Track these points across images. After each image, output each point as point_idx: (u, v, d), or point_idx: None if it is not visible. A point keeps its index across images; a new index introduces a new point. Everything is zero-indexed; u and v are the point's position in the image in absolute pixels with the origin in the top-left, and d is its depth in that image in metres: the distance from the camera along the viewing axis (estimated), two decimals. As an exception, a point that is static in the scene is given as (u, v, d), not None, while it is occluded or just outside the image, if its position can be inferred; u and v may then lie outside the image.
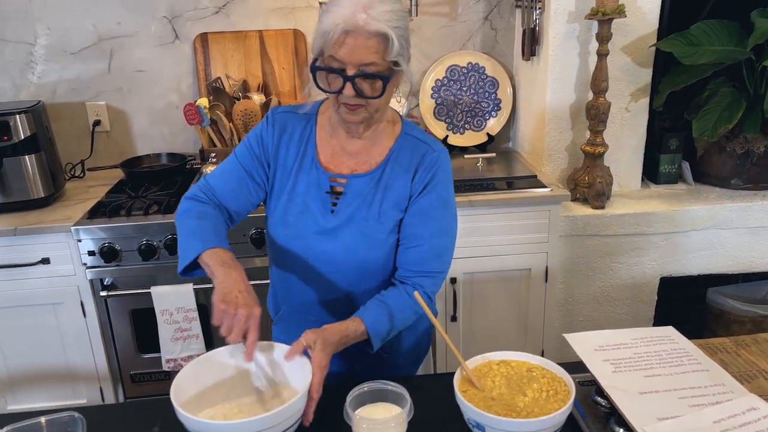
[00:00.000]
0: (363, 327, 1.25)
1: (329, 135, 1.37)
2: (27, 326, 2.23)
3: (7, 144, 2.17)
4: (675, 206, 2.38)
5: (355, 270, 1.35)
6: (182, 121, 2.59)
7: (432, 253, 1.35)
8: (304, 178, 1.36)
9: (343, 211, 1.33)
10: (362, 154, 1.35)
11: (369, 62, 1.18)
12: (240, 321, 1.12)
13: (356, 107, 1.24)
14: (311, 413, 1.09)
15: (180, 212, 1.36)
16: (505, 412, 1.05)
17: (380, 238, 1.33)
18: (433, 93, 2.71)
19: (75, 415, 1.12)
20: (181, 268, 1.26)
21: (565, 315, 2.50)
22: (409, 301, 1.32)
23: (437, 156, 1.35)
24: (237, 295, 1.14)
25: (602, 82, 2.26)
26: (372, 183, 1.34)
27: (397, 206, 1.33)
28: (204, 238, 1.25)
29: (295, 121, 1.39)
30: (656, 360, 1.17)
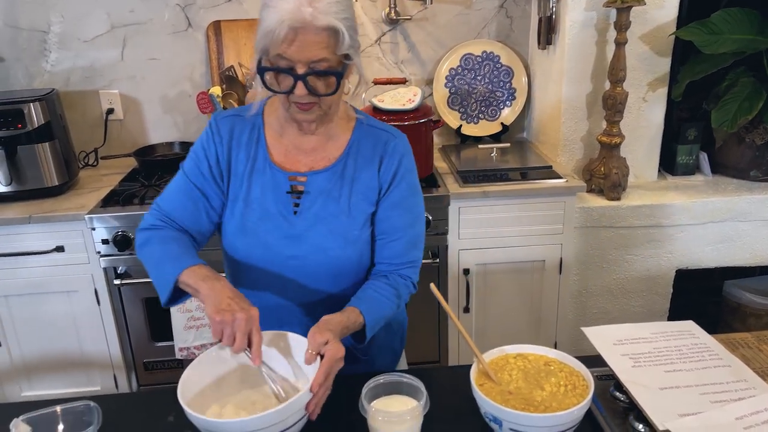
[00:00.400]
0: (361, 318, 1.21)
1: (279, 134, 1.30)
2: (41, 314, 2.24)
3: (21, 132, 2.17)
4: (692, 198, 2.35)
5: (328, 272, 1.29)
6: (195, 110, 2.58)
7: (410, 243, 1.33)
8: (258, 181, 1.28)
9: (307, 210, 1.27)
10: (318, 150, 1.30)
11: (320, 59, 1.12)
12: (241, 326, 1.06)
13: (309, 106, 1.19)
14: (314, 410, 1.05)
15: (139, 244, 1.27)
16: (522, 406, 1.04)
17: (353, 234, 1.28)
18: (447, 82, 2.68)
19: (90, 405, 1.12)
20: (164, 299, 1.18)
21: (578, 307, 2.48)
22: (393, 295, 1.29)
23: (399, 142, 1.31)
24: (229, 303, 1.08)
25: (620, 72, 2.22)
26: (335, 177, 1.28)
27: (367, 199, 1.29)
28: (175, 261, 1.17)
29: (240, 124, 1.31)
30: (677, 355, 1.15)
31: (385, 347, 1.44)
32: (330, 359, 1.09)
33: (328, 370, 1.08)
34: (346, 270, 1.30)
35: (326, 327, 1.13)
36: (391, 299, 1.29)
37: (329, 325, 1.14)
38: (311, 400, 1.04)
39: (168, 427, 1.16)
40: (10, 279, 2.18)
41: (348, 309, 1.21)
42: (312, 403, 1.05)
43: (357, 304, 1.23)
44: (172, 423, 1.17)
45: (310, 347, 1.10)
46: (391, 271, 1.32)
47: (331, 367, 1.09)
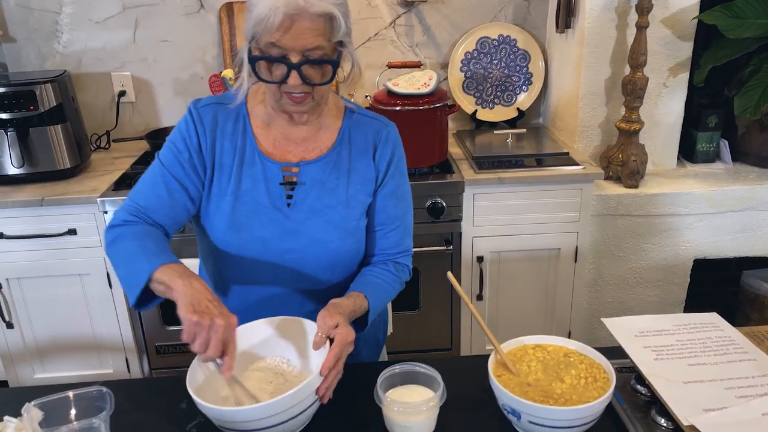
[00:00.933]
0: (366, 303, 1.19)
1: (266, 124, 1.24)
2: (54, 296, 2.24)
3: (34, 114, 2.16)
4: (712, 186, 2.31)
5: (326, 264, 1.25)
6: (207, 93, 2.55)
7: (406, 231, 1.33)
8: (248, 173, 1.22)
9: (302, 202, 1.23)
10: (309, 140, 1.25)
11: (315, 46, 1.08)
12: (218, 332, 0.97)
13: (302, 97, 1.14)
14: (325, 393, 1.03)
15: (110, 241, 1.17)
16: (541, 398, 1.01)
17: (352, 225, 1.24)
18: (462, 66, 2.64)
19: (103, 390, 1.10)
20: (133, 298, 1.08)
21: (593, 296, 2.44)
22: (396, 281, 1.29)
23: (390, 131, 1.29)
24: (208, 305, 0.99)
25: (641, 56, 2.17)
26: (329, 168, 1.24)
27: (364, 189, 1.26)
28: (150, 257, 1.07)
29: (223, 113, 1.23)
30: (700, 348, 1.12)
31: (371, 339, 1.42)
32: (341, 342, 1.06)
33: (338, 354, 1.05)
34: (345, 261, 1.28)
35: (336, 310, 1.10)
36: (394, 285, 1.28)
37: (339, 308, 1.12)
38: (321, 384, 1.02)
39: (181, 414, 1.14)
40: (23, 261, 2.18)
41: (353, 294, 1.19)
42: (322, 387, 1.02)
43: (362, 289, 1.21)
44: (185, 410, 1.15)
45: (320, 330, 1.08)
46: (388, 259, 1.31)
47: (342, 351, 1.06)
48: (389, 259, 1.31)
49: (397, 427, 1.05)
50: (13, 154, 2.17)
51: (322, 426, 1.08)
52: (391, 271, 1.29)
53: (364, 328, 1.21)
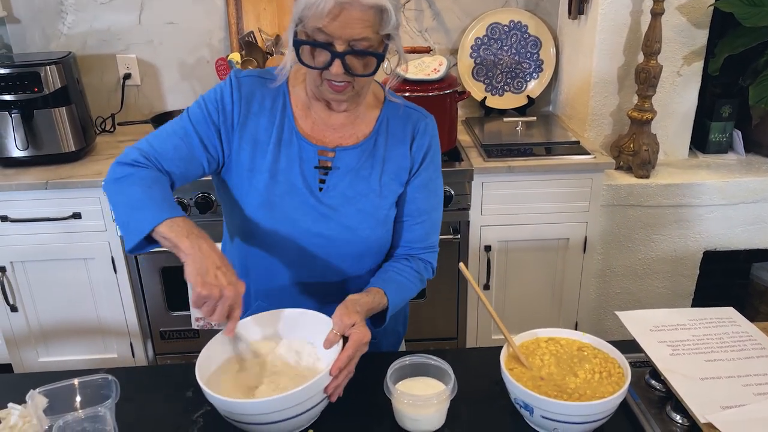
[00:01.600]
0: (385, 300, 1.16)
1: (306, 107, 1.22)
2: (58, 280, 2.23)
3: (38, 96, 2.13)
4: (724, 177, 2.27)
5: (355, 252, 1.23)
6: (213, 76, 2.52)
7: (433, 226, 1.30)
8: (285, 152, 1.20)
9: (334, 188, 1.21)
10: (347, 127, 1.23)
11: (362, 37, 1.05)
12: (226, 302, 0.99)
13: (343, 87, 1.11)
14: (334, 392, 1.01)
15: (114, 178, 1.14)
16: (555, 393, 0.99)
17: (383, 214, 1.22)
18: (472, 52, 2.60)
19: (109, 378, 1.09)
20: (130, 245, 1.07)
21: (601, 287, 2.42)
22: (416, 279, 1.25)
23: (429, 123, 1.27)
24: (216, 274, 1.00)
25: (655, 44, 2.13)
26: (364, 156, 1.22)
27: (398, 178, 1.23)
28: (157, 208, 1.06)
29: (263, 89, 1.21)
30: (717, 343, 1.10)
31: (391, 330, 1.39)
32: (356, 343, 1.04)
33: (351, 355, 1.03)
34: (373, 250, 1.25)
35: (354, 308, 1.08)
36: (415, 282, 1.25)
37: (357, 305, 1.09)
38: (331, 383, 1.00)
39: (187, 403, 1.13)
40: (27, 245, 2.16)
41: (373, 290, 1.16)
42: (332, 386, 1.00)
43: (381, 285, 1.18)
44: (191, 398, 1.14)
45: (336, 328, 1.05)
46: (411, 255, 1.28)
47: (355, 352, 1.04)
48: (413, 254, 1.28)
49: (407, 420, 1.03)
50: (17, 137, 2.14)
51: (330, 417, 1.06)
52: (413, 267, 1.26)
53: (381, 325, 1.19)
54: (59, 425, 0.97)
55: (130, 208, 1.09)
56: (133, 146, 1.18)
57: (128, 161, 1.16)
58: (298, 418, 0.98)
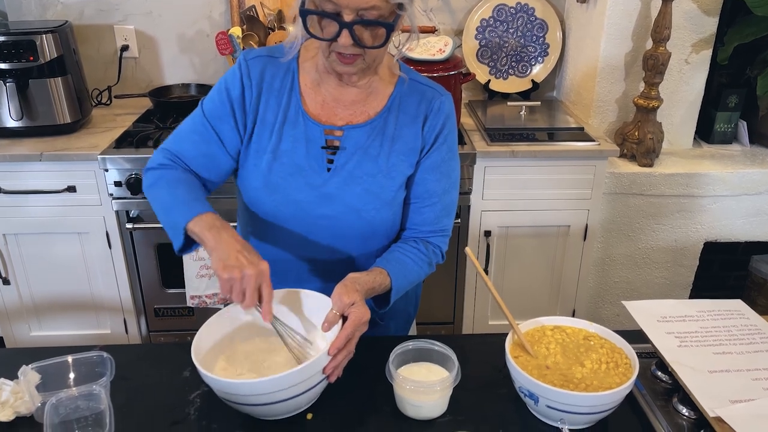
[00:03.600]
0: (388, 281, 1.13)
1: (316, 83, 1.18)
2: (51, 254, 2.19)
3: (33, 65, 2.08)
4: (728, 168, 2.25)
5: (359, 233, 1.20)
6: (213, 51, 2.47)
7: (445, 210, 1.25)
8: (289, 133, 1.17)
9: (342, 167, 1.17)
10: (358, 103, 1.18)
11: (370, 6, 1.00)
12: (250, 283, 0.99)
13: (352, 59, 1.07)
14: (333, 373, 0.99)
15: (148, 185, 1.17)
16: (561, 382, 0.98)
17: (389, 195, 1.18)
18: (477, 34, 2.56)
19: (104, 355, 1.06)
20: (176, 247, 1.11)
21: (600, 275, 2.41)
22: (424, 262, 1.22)
23: (444, 101, 1.21)
24: (237, 257, 1.00)
25: (665, 30, 2.09)
26: (373, 133, 1.18)
27: (407, 159, 1.19)
28: (182, 209, 1.09)
29: (273, 67, 1.18)
30: (726, 336, 1.08)
31: (401, 312, 1.36)
32: (354, 322, 1.01)
33: (350, 335, 1.00)
34: (379, 232, 1.22)
35: (353, 287, 1.05)
36: (422, 266, 1.21)
37: (357, 284, 1.06)
38: (329, 363, 0.98)
39: (183, 382, 1.11)
40: (20, 217, 2.12)
41: (375, 270, 1.13)
42: (330, 366, 0.98)
43: (385, 265, 1.15)
44: (188, 378, 1.12)
45: (335, 307, 1.03)
46: (420, 238, 1.24)
47: (354, 332, 1.01)
48: (421, 237, 1.24)
49: (409, 406, 1.01)
50: (11, 106, 2.09)
51: (330, 401, 1.04)
52: (421, 250, 1.22)
53: (385, 307, 1.16)
54: (52, 402, 0.94)
55: (164, 213, 1.13)
56: (158, 149, 1.21)
57: (155, 166, 1.19)
58: (295, 399, 0.96)
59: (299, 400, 0.97)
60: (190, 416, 1.03)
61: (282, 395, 0.94)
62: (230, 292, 0.99)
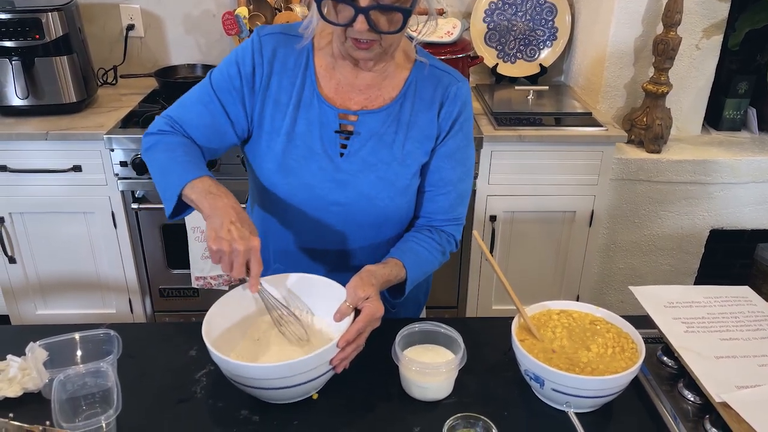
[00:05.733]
0: (404, 273, 1.12)
1: (331, 67, 1.15)
2: (57, 233, 2.19)
3: (39, 43, 2.07)
4: (737, 155, 2.24)
5: (373, 221, 1.19)
6: (219, 31, 2.46)
7: (459, 198, 1.23)
8: (304, 115, 1.14)
9: (355, 153, 1.15)
10: (373, 88, 1.16)
11: None
12: (239, 257, 0.98)
13: (368, 44, 1.04)
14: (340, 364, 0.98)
15: (144, 149, 1.16)
16: (567, 366, 0.98)
17: (404, 183, 1.16)
18: (485, 17, 2.53)
19: (111, 333, 1.07)
20: (168, 211, 1.09)
21: (605, 261, 2.41)
22: (438, 252, 1.20)
23: (460, 87, 1.18)
24: (230, 228, 0.98)
25: (676, 14, 2.07)
26: (389, 120, 1.15)
27: (423, 147, 1.17)
28: (179, 172, 1.07)
29: (287, 46, 1.15)
30: (733, 322, 1.08)
31: (412, 300, 1.34)
32: (367, 317, 1.00)
33: (362, 329, 0.99)
34: (393, 220, 1.20)
35: (369, 280, 1.04)
36: (436, 255, 1.20)
37: (373, 278, 1.05)
38: (337, 355, 0.97)
39: (190, 361, 1.11)
40: (26, 196, 2.12)
41: (391, 261, 1.12)
42: (338, 358, 0.97)
43: (400, 256, 1.13)
44: (194, 357, 1.12)
45: (349, 300, 1.02)
46: (434, 226, 1.23)
47: (366, 326, 1.00)
48: (436, 225, 1.22)
49: (414, 387, 1.01)
50: (17, 85, 2.09)
51: (336, 381, 1.04)
52: (435, 239, 1.20)
53: (400, 297, 1.15)
54: (60, 379, 0.95)
55: (160, 175, 1.11)
56: (159, 116, 1.19)
57: (155, 131, 1.17)
58: (301, 386, 0.96)
59: (304, 387, 0.97)
60: (197, 395, 1.04)
61: (288, 381, 0.94)
62: (218, 262, 1.00)
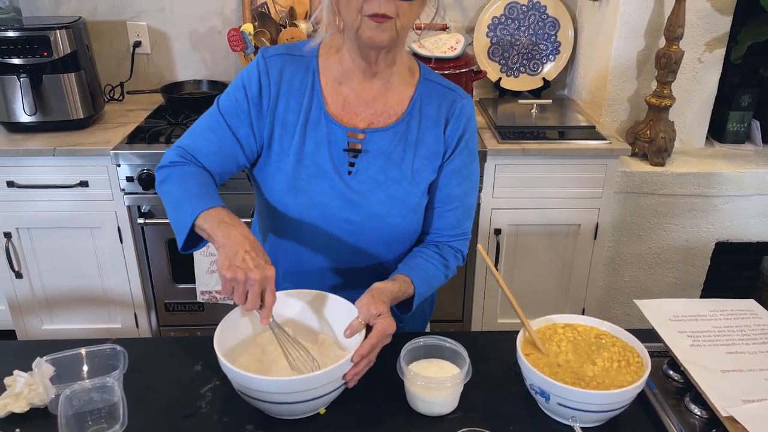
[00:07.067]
0: (412, 289, 1.13)
1: (338, 83, 1.16)
2: (64, 248, 2.21)
3: (47, 60, 2.09)
4: (741, 168, 2.24)
5: (384, 238, 1.19)
6: (224, 47, 2.48)
7: (466, 213, 1.25)
8: (312, 134, 1.15)
9: (363, 171, 1.15)
10: (379, 101, 1.16)
11: None
12: (254, 287, 0.96)
13: (384, 19, 1.01)
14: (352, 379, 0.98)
15: (159, 182, 1.16)
16: (572, 380, 0.97)
17: (413, 201, 1.17)
18: (489, 31, 2.55)
19: (117, 348, 1.07)
20: (180, 244, 1.08)
21: (610, 274, 2.40)
22: (444, 266, 1.21)
23: (465, 104, 1.20)
24: (244, 257, 0.97)
25: (678, 28, 2.08)
26: (396, 138, 1.16)
27: (431, 164, 1.18)
28: (193, 203, 1.06)
29: (292, 66, 1.16)
30: (738, 335, 1.08)
31: (418, 312, 1.34)
32: (380, 333, 1.01)
33: (375, 344, 1.00)
34: (404, 237, 1.21)
35: (380, 298, 1.04)
36: (442, 271, 1.21)
37: (383, 295, 1.06)
38: (351, 370, 0.97)
39: (195, 375, 1.11)
40: (33, 211, 2.14)
41: (399, 278, 1.13)
42: (351, 372, 0.98)
43: (408, 272, 1.14)
44: (199, 372, 1.12)
45: (362, 316, 1.02)
46: (442, 242, 1.24)
47: (379, 342, 1.01)
48: (443, 241, 1.23)
49: (420, 402, 1.01)
50: (25, 101, 2.11)
51: (342, 396, 1.04)
52: (442, 254, 1.21)
53: (408, 312, 1.16)
54: (66, 394, 0.95)
55: (173, 207, 1.10)
56: (170, 148, 1.19)
57: (167, 163, 1.17)
58: (312, 402, 0.96)
59: (315, 403, 0.97)
60: (202, 409, 1.04)
61: (300, 396, 0.94)
62: (231, 293, 0.97)
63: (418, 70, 1.21)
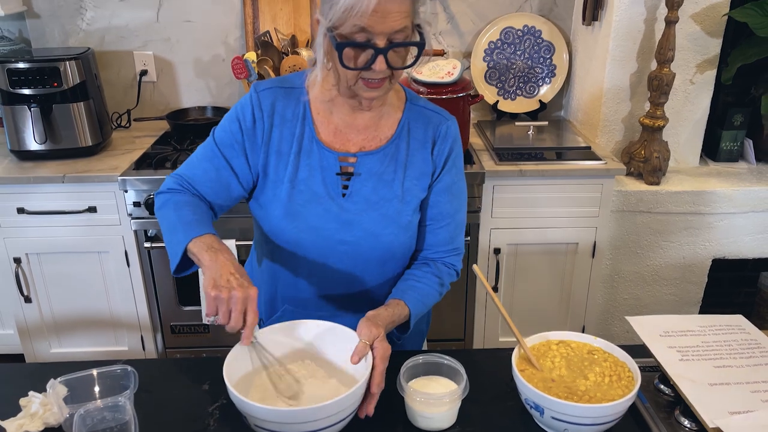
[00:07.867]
0: (407, 311, 1.17)
1: (329, 111, 1.21)
2: (72, 273, 2.26)
3: (57, 90, 2.16)
4: (735, 186, 2.28)
5: (379, 258, 1.24)
6: (228, 75, 2.55)
7: (457, 229, 1.30)
8: (305, 162, 1.20)
9: (356, 193, 1.20)
10: (371, 128, 1.22)
11: (400, 29, 1.03)
12: (237, 304, 1.00)
13: (380, 82, 1.09)
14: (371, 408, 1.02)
15: (157, 207, 1.23)
16: (565, 395, 1.01)
17: (405, 220, 1.22)
18: (485, 56, 2.62)
19: (128, 369, 1.11)
20: (172, 268, 1.14)
21: (609, 292, 2.44)
22: (437, 284, 1.25)
23: (450, 126, 1.26)
24: (229, 278, 1.02)
25: (668, 52, 2.14)
26: (386, 160, 1.21)
27: (420, 184, 1.23)
28: (186, 229, 1.12)
29: (284, 98, 1.21)
30: (726, 350, 1.12)
31: (415, 330, 1.38)
32: (383, 357, 1.05)
33: (383, 370, 1.04)
34: (398, 256, 1.26)
35: (376, 321, 1.09)
36: (435, 288, 1.25)
37: (378, 320, 1.10)
38: (370, 403, 1.01)
39: (203, 396, 1.15)
40: (43, 237, 2.19)
41: (392, 302, 1.17)
42: (371, 407, 1.02)
43: (401, 296, 1.19)
44: (207, 391, 1.16)
45: (365, 338, 1.06)
46: (435, 258, 1.28)
47: (384, 367, 1.05)
48: (437, 257, 1.28)
49: (419, 418, 1.05)
50: (36, 130, 2.17)
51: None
52: (434, 272, 1.26)
53: (406, 332, 1.20)
54: (80, 414, 0.99)
55: (168, 233, 1.16)
56: (169, 176, 1.26)
57: (165, 189, 1.23)
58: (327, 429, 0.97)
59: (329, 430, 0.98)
60: (210, 427, 1.08)
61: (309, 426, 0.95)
62: (215, 312, 1.01)
63: (404, 94, 1.26)
